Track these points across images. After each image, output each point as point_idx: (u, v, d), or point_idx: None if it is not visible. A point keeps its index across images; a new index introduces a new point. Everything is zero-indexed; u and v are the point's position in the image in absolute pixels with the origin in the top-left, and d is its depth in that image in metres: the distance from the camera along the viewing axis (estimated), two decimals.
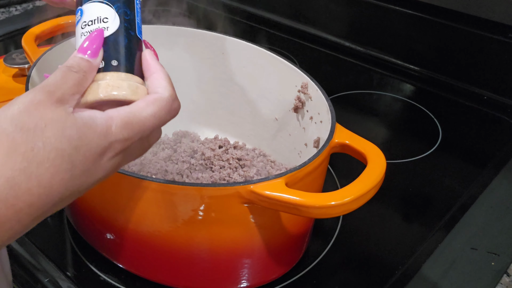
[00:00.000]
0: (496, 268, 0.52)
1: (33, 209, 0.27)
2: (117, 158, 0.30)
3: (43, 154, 0.26)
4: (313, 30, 0.98)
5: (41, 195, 0.27)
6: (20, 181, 0.26)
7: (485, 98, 0.80)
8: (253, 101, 0.62)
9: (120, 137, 0.29)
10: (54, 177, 0.27)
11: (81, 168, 0.28)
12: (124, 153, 0.31)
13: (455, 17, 0.81)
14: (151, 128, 0.31)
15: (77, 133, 0.28)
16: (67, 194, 0.28)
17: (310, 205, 0.38)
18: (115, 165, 0.31)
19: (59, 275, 0.49)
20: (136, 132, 0.30)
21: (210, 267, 0.46)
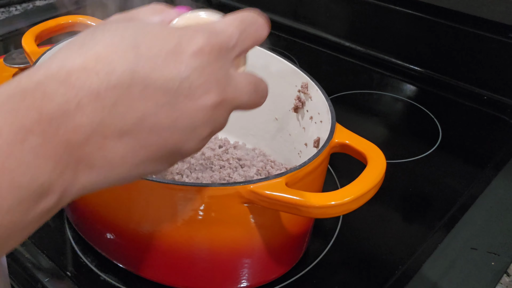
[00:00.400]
0: (496, 268, 0.52)
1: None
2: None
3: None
4: (313, 30, 0.98)
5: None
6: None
7: (485, 98, 0.80)
8: None
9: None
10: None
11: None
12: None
13: (455, 17, 0.81)
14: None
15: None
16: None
17: (310, 205, 0.38)
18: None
19: (59, 274, 0.49)
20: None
21: (210, 267, 0.46)
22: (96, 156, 0.25)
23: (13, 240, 0.23)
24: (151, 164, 0.28)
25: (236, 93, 0.30)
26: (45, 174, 0.23)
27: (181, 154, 0.29)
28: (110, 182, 0.26)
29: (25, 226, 0.23)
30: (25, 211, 0.22)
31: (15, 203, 0.22)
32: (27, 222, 0.23)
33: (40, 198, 0.23)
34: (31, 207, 0.23)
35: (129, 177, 0.27)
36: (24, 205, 0.22)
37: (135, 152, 0.26)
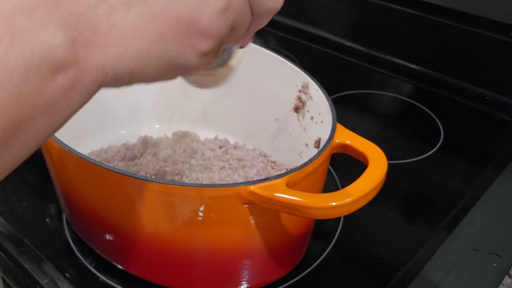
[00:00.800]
0: (498, 269, 0.51)
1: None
2: None
3: None
4: (313, 29, 0.98)
5: None
6: None
7: (487, 98, 0.80)
8: (253, 101, 0.61)
9: None
10: None
11: None
12: None
13: (456, 17, 0.81)
14: None
15: None
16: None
17: (311, 205, 0.38)
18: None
19: (58, 276, 0.49)
20: None
21: (210, 268, 0.46)
22: (105, 27, 0.24)
23: (40, 121, 0.23)
24: (168, 41, 0.26)
25: None
26: (55, 42, 0.22)
27: (200, 30, 0.27)
28: (130, 62, 0.25)
29: (46, 102, 0.23)
30: (41, 81, 0.22)
31: (30, 70, 0.22)
32: (48, 97, 0.23)
33: (56, 70, 0.23)
34: (48, 79, 0.22)
35: (151, 55, 0.26)
36: (39, 74, 0.22)
37: (146, 22, 0.25)
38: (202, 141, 0.62)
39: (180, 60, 0.27)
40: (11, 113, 0.22)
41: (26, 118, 0.22)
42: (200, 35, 0.27)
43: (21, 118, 0.22)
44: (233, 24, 0.28)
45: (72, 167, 0.44)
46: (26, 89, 0.22)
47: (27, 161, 0.66)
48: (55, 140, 0.43)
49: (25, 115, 0.22)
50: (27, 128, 0.23)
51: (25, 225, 0.54)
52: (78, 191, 0.47)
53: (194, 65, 0.28)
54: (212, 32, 0.27)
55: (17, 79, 0.21)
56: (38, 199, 0.58)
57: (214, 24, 0.27)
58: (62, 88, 0.23)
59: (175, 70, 0.28)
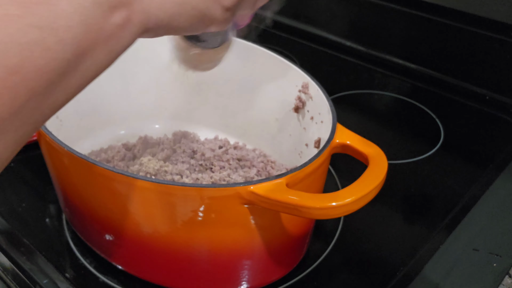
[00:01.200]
0: (498, 269, 0.51)
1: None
2: None
3: None
4: (313, 29, 0.98)
5: None
6: None
7: (487, 98, 0.80)
8: (253, 101, 0.61)
9: None
10: None
11: None
12: None
13: (456, 16, 0.81)
14: None
15: None
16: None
17: (311, 206, 0.38)
18: None
19: (58, 276, 0.49)
20: None
21: (210, 268, 0.45)
22: None
23: (98, 53, 0.27)
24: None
25: None
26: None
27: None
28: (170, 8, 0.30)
29: (105, 36, 0.27)
30: (103, 17, 0.26)
31: (95, 5, 0.26)
32: (106, 31, 0.27)
33: (114, 8, 0.27)
34: (107, 15, 0.26)
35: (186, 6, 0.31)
36: (102, 10, 0.26)
37: None
38: (202, 141, 0.62)
39: (209, 10, 0.32)
40: (80, 39, 0.25)
41: (89, 47, 0.26)
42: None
43: (86, 46, 0.26)
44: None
45: (72, 167, 0.44)
46: (91, 21, 0.25)
47: (26, 162, 0.66)
48: (55, 140, 0.42)
49: (89, 45, 0.26)
50: (89, 57, 0.26)
51: (24, 225, 0.54)
52: (78, 191, 0.47)
53: (218, 18, 0.33)
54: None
55: (86, 12, 0.25)
56: (38, 199, 0.58)
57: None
58: (117, 25, 0.27)
59: (204, 21, 0.33)
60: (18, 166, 0.62)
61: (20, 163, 0.63)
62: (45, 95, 0.25)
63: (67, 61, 0.25)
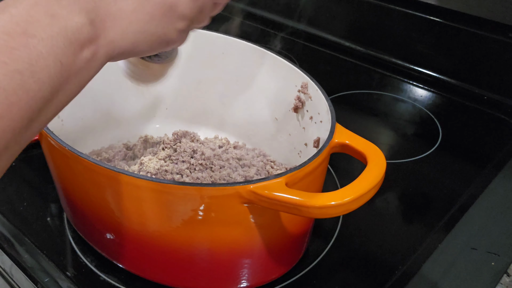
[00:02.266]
0: (496, 268, 0.51)
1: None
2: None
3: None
4: (313, 30, 0.98)
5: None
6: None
7: (485, 98, 0.80)
8: (253, 101, 0.61)
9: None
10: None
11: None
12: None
13: (455, 17, 0.81)
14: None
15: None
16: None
17: (310, 205, 0.38)
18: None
19: (59, 275, 0.49)
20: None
21: (210, 267, 0.46)
22: (113, 11, 0.31)
23: (71, 85, 0.29)
24: (157, 21, 0.34)
25: None
26: (81, 23, 0.29)
27: (178, 13, 0.35)
28: (132, 38, 0.33)
29: (76, 70, 0.29)
30: (74, 54, 0.29)
31: (66, 45, 0.28)
32: (77, 66, 0.29)
33: (83, 44, 0.29)
34: (78, 52, 0.29)
35: (146, 33, 0.34)
36: (73, 48, 0.28)
37: (142, 6, 0.33)
38: (202, 141, 0.62)
39: (166, 35, 0.35)
40: (55, 77, 0.27)
41: (63, 82, 0.28)
42: (178, 16, 0.35)
43: (60, 82, 0.28)
44: (201, 8, 0.37)
45: (73, 166, 0.45)
46: (64, 59, 0.28)
47: (28, 161, 0.67)
48: (56, 140, 0.43)
49: (62, 80, 0.28)
50: (62, 91, 0.29)
51: (26, 224, 0.55)
52: (79, 191, 0.47)
53: (174, 39, 0.36)
54: (187, 14, 0.36)
55: (59, 51, 0.28)
56: (39, 198, 0.59)
57: (188, 7, 0.35)
58: (86, 59, 0.30)
59: (162, 44, 0.36)
60: (19, 166, 0.63)
61: (21, 162, 0.63)
62: (25, 131, 0.27)
63: (44, 99, 0.27)
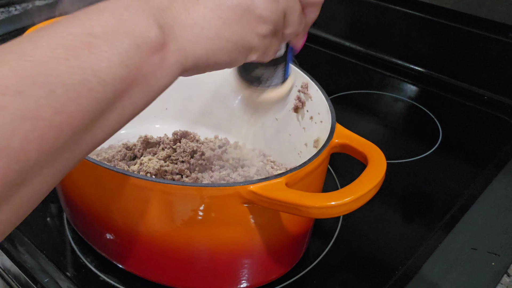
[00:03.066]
0: (497, 268, 0.51)
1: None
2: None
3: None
4: (313, 30, 0.98)
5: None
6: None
7: (485, 98, 0.80)
8: None
9: None
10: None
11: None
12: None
13: (455, 17, 0.81)
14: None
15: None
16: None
17: (310, 205, 0.38)
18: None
19: (59, 275, 0.49)
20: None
21: (210, 267, 0.46)
22: (182, 17, 0.30)
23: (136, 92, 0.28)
24: (233, 25, 0.32)
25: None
26: (150, 28, 0.28)
27: (256, 15, 0.33)
28: (205, 45, 0.31)
29: (143, 76, 0.28)
30: (141, 58, 0.27)
31: (133, 47, 0.27)
32: (144, 72, 0.28)
33: (151, 50, 0.28)
34: (145, 56, 0.28)
35: (221, 39, 0.32)
36: (140, 52, 0.27)
37: (213, 11, 0.31)
38: (202, 141, 0.62)
39: (244, 41, 0.33)
40: (120, 80, 0.26)
41: (128, 87, 0.27)
42: (257, 19, 0.33)
43: (124, 86, 0.27)
44: (284, 10, 0.34)
45: None
46: (130, 62, 0.27)
47: None
48: None
49: (127, 85, 0.27)
50: (127, 97, 0.27)
51: (26, 225, 0.55)
52: (78, 191, 0.47)
53: (256, 46, 0.34)
54: (267, 16, 0.33)
55: (125, 54, 0.27)
56: None
57: (267, 8, 0.33)
58: (154, 66, 0.28)
59: (242, 51, 0.34)
60: None
61: None
62: (85, 132, 0.26)
63: (107, 100, 0.26)
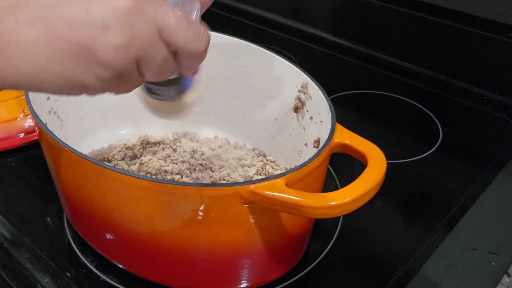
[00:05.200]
0: (497, 268, 0.51)
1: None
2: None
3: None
4: (313, 29, 0.98)
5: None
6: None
7: (486, 98, 0.80)
8: (253, 101, 0.61)
9: None
10: None
11: None
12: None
13: (455, 17, 0.81)
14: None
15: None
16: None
17: (310, 205, 0.38)
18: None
19: (59, 275, 0.49)
20: None
21: (210, 267, 0.46)
22: (8, 37, 0.27)
23: None
24: (66, 61, 0.28)
25: (160, 10, 0.30)
26: None
27: (96, 59, 0.29)
28: (27, 74, 0.28)
29: None
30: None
31: None
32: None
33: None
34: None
35: (47, 71, 0.28)
36: None
37: (47, 39, 0.28)
38: (202, 141, 0.62)
39: (78, 80, 0.29)
40: None
41: None
42: (97, 62, 0.29)
43: None
44: (138, 59, 0.30)
45: (73, 167, 0.45)
46: None
47: (28, 161, 0.66)
48: (56, 140, 0.43)
49: None
50: None
51: (26, 225, 0.55)
52: (78, 191, 0.47)
53: (93, 87, 0.30)
54: (109, 61, 0.29)
55: None
56: (39, 198, 0.59)
57: (111, 55, 0.29)
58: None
59: (74, 88, 0.30)
60: (19, 166, 0.63)
61: (21, 162, 0.63)
62: None
63: None
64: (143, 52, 0.30)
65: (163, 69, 0.32)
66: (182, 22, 0.30)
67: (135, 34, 0.29)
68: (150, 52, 0.30)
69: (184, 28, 0.30)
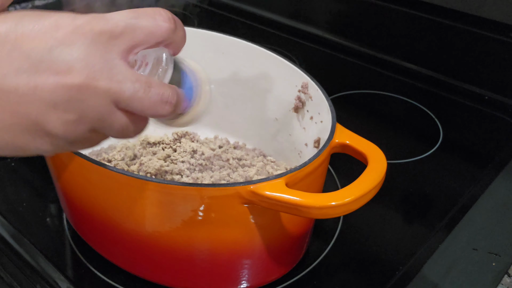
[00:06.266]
0: (497, 268, 0.51)
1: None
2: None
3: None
4: (313, 29, 0.98)
5: None
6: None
7: (486, 98, 0.80)
8: (253, 101, 0.61)
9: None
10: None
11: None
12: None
13: (455, 17, 0.81)
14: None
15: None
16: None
17: (311, 205, 0.38)
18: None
19: (58, 275, 0.49)
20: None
21: (210, 267, 0.46)
22: None
23: None
24: (16, 132, 0.28)
25: (114, 81, 0.29)
26: None
27: (46, 132, 0.29)
28: None
29: None
30: None
31: None
32: None
33: None
34: None
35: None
36: None
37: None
38: (202, 141, 0.62)
39: (31, 147, 0.30)
40: None
41: None
42: (47, 135, 0.29)
43: None
44: (93, 129, 0.30)
45: (73, 167, 0.45)
46: None
47: (28, 161, 0.66)
48: None
49: None
50: None
51: (25, 225, 0.55)
52: (78, 191, 0.47)
53: (50, 151, 0.30)
54: (59, 135, 0.29)
55: None
56: (38, 198, 0.59)
57: (61, 129, 0.29)
58: None
59: (29, 152, 0.30)
60: (19, 166, 0.63)
61: (21, 162, 0.63)
62: None
63: None
64: (97, 123, 0.30)
65: (125, 132, 0.32)
66: (139, 91, 0.30)
67: (85, 109, 0.29)
68: (105, 122, 0.30)
69: (141, 96, 0.30)
